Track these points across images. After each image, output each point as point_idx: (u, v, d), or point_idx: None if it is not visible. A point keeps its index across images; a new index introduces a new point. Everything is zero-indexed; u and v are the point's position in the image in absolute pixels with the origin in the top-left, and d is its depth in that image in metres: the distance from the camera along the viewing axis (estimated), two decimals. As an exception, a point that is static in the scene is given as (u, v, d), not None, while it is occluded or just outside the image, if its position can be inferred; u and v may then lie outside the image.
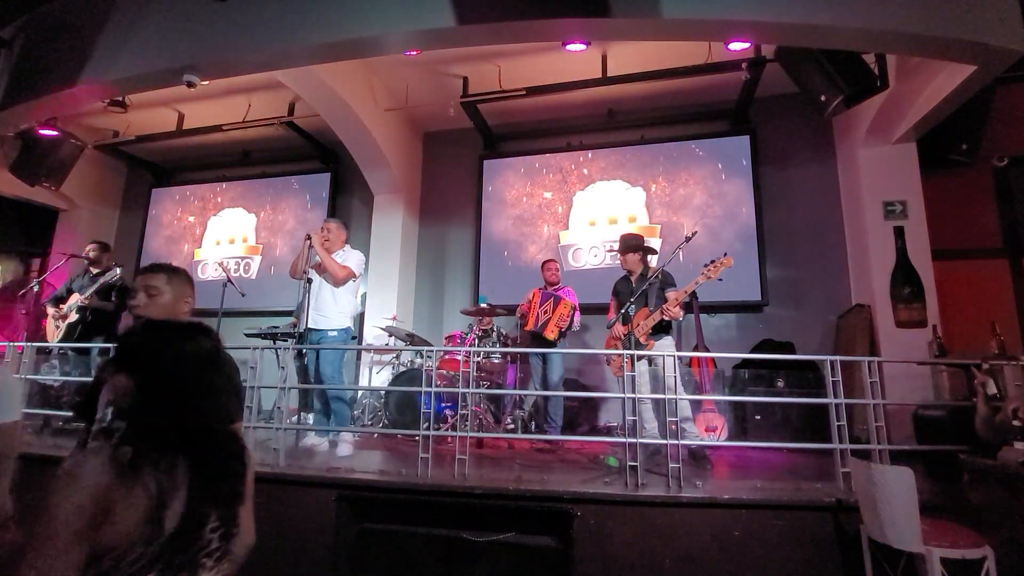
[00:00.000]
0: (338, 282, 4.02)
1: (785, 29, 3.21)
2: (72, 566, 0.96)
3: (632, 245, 3.97)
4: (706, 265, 3.52)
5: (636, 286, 3.82)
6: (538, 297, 4.59)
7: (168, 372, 1.14)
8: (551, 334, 4.41)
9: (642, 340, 3.60)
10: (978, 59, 3.27)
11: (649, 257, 4.04)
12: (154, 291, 1.56)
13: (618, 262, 4.14)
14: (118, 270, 4.95)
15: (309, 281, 4.04)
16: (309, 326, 3.98)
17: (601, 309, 4.99)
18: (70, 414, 4.05)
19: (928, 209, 4.66)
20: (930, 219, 4.65)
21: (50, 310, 4.89)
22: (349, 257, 4.13)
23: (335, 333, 4.00)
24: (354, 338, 5.19)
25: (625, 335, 3.67)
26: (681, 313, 3.60)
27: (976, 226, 4.98)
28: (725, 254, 3.57)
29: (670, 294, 3.65)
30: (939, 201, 4.84)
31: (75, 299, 4.79)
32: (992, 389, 2.64)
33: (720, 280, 3.59)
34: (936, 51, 3.25)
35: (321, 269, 4.06)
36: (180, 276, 1.63)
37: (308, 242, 3.98)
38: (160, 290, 1.57)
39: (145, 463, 1.06)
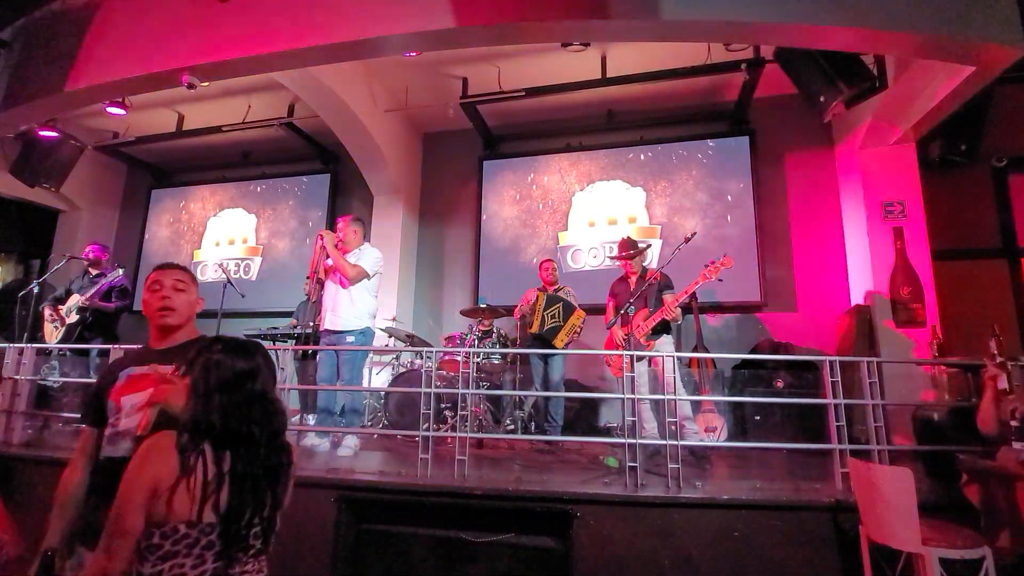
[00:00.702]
0: (349, 281, 3.87)
1: (784, 30, 3.21)
2: (138, 532, 1.14)
3: (636, 248, 3.98)
4: (705, 266, 3.52)
5: (636, 287, 3.81)
6: (542, 300, 4.50)
7: (212, 380, 1.26)
8: (560, 344, 4.36)
9: (642, 341, 3.60)
10: (977, 60, 3.28)
11: (646, 257, 4.05)
12: (182, 285, 1.68)
13: (617, 264, 4.12)
14: (120, 271, 4.95)
15: (320, 282, 3.97)
16: (326, 327, 3.91)
17: (600, 310, 4.99)
18: (78, 415, 4.04)
19: (927, 209, 4.67)
20: (929, 219, 4.66)
21: (47, 311, 4.90)
22: (363, 255, 3.96)
23: (352, 338, 3.84)
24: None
25: (625, 336, 3.67)
26: (679, 314, 3.60)
27: (975, 226, 4.98)
28: (724, 254, 3.57)
29: (667, 296, 3.65)
30: (938, 202, 4.85)
31: (75, 300, 4.79)
32: (1004, 384, 2.60)
33: (720, 280, 3.59)
34: (935, 52, 3.26)
35: (335, 269, 3.94)
36: (195, 279, 1.78)
37: (321, 241, 3.88)
38: (187, 286, 1.70)
39: (196, 454, 1.19)
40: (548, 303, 4.46)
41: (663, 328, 3.70)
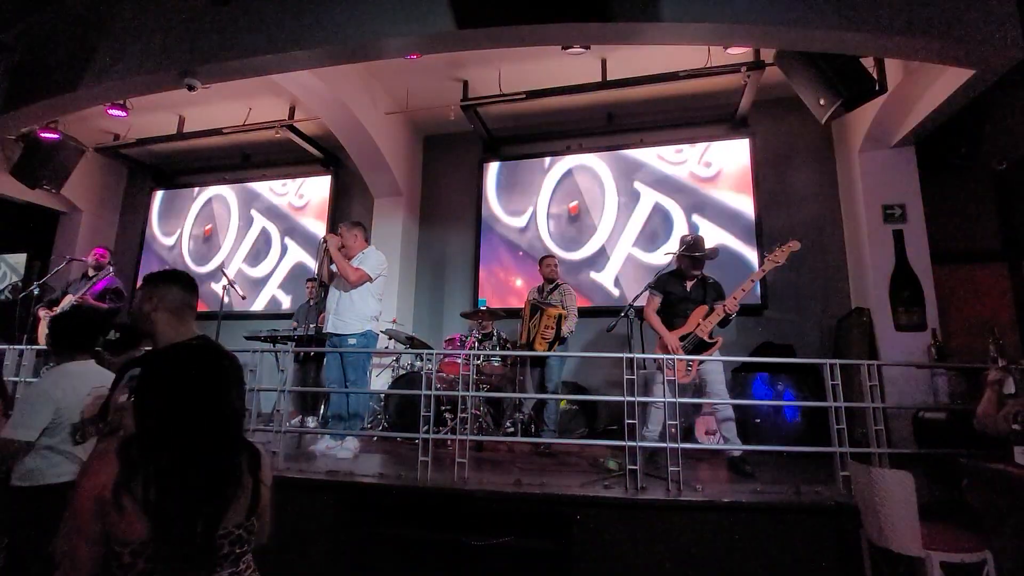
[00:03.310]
0: (350, 284, 3.90)
1: (784, 33, 3.22)
2: (94, 536, 1.09)
3: (686, 247, 3.87)
4: (770, 251, 3.61)
5: (693, 291, 3.77)
6: (527, 310, 4.58)
7: (148, 387, 1.21)
8: (541, 347, 4.35)
9: (707, 339, 3.59)
10: (976, 63, 3.28)
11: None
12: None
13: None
14: (111, 269, 4.96)
15: (323, 285, 4.00)
16: (329, 330, 3.94)
17: (594, 313, 4.99)
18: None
19: (927, 213, 4.67)
20: (929, 223, 4.66)
21: (42, 312, 4.90)
22: (367, 259, 3.99)
23: (354, 340, 3.86)
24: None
25: (684, 336, 3.62)
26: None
27: (975, 230, 4.98)
28: (791, 238, 3.68)
29: (717, 305, 3.64)
30: (938, 205, 4.85)
31: (69, 300, 4.79)
32: (1011, 388, 2.56)
33: (785, 263, 3.65)
34: (934, 55, 3.26)
35: (338, 272, 3.98)
36: (147, 281, 1.71)
37: (324, 246, 3.92)
38: (136, 297, 1.71)
39: (143, 466, 1.12)
40: (531, 312, 4.53)
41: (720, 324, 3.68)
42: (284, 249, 6.93)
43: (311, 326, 4.90)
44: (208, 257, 7.20)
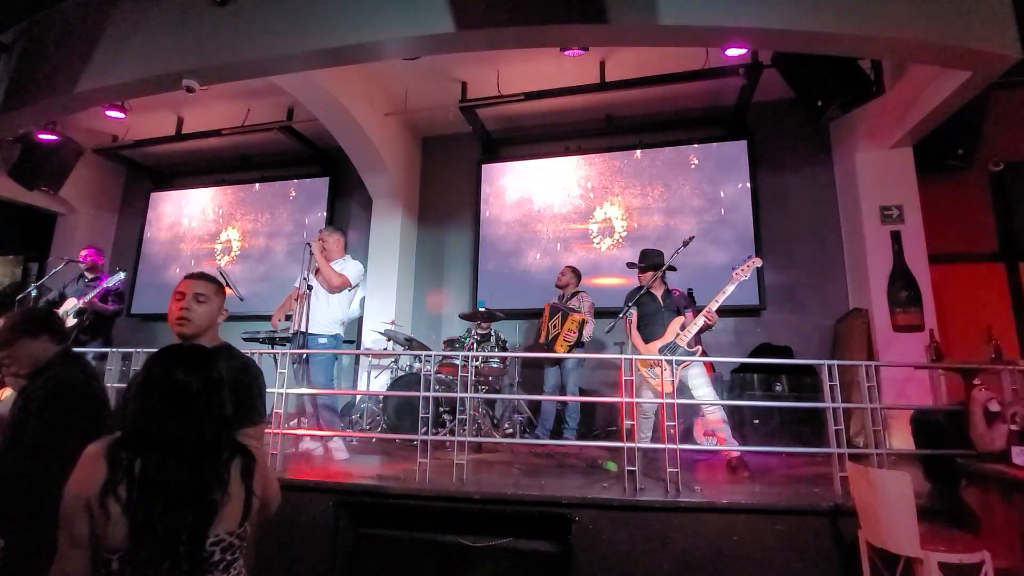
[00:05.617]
0: (332, 289, 4.01)
1: (781, 35, 3.23)
2: (83, 541, 1.09)
3: (656, 263, 3.92)
4: (734, 268, 3.64)
5: (664, 302, 3.84)
6: (547, 312, 4.67)
7: (132, 386, 1.23)
8: (561, 349, 4.48)
9: (687, 347, 3.65)
10: (973, 65, 3.30)
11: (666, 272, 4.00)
12: (203, 298, 1.69)
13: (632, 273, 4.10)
14: (122, 274, 4.94)
15: (309, 288, 4.04)
16: (301, 330, 3.99)
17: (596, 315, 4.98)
18: None
19: (925, 213, 4.68)
20: (927, 223, 4.67)
21: None
22: (347, 266, 4.12)
23: (324, 340, 3.94)
24: (350, 342, 5.20)
25: (665, 346, 3.68)
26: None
27: (972, 230, 4.99)
28: (750, 256, 3.71)
29: (688, 313, 3.73)
30: (936, 206, 4.86)
31: (71, 303, 4.77)
32: (996, 407, 2.62)
33: (746, 279, 3.71)
34: (931, 57, 3.28)
35: (319, 276, 4.08)
36: (221, 289, 1.77)
37: (308, 249, 4.01)
38: (208, 298, 1.70)
39: (128, 469, 1.11)
40: (551, 314, 4.64)
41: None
42: (283, 250, 6.92)
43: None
44: (205, 257, 7.19)
